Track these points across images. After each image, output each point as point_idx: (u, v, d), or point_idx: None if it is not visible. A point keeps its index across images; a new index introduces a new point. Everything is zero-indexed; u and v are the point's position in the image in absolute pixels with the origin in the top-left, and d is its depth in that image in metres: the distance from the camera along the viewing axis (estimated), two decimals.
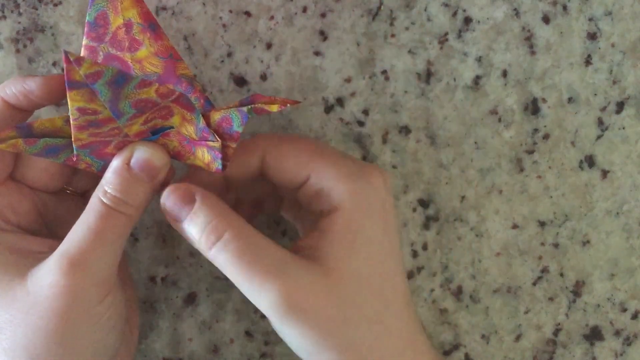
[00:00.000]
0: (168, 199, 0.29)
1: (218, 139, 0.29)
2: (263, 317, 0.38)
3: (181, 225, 0.29)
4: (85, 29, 0.27)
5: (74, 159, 0.29)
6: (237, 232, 0.28)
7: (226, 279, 0.37)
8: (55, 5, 0.34)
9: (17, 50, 0.35)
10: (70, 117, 0.27)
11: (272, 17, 0.35)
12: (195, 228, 0.28)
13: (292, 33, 0.35)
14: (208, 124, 0.29)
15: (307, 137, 0.32)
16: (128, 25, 0.28)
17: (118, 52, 0.28)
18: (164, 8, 0.34)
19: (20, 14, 0.34)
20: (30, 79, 0.29)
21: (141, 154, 0.29)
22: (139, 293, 0.37)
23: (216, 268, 0.37)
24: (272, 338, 0.38)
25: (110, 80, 0.26)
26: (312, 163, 0.30)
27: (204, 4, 0.34)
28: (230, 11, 0.34)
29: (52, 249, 0.28)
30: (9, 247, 0.29)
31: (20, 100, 0.29)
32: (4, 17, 0.34)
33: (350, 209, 0.29)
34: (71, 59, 0.25)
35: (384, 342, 0.29)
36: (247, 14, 0.35)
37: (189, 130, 0.30)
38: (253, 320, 0.38)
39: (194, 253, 0.37)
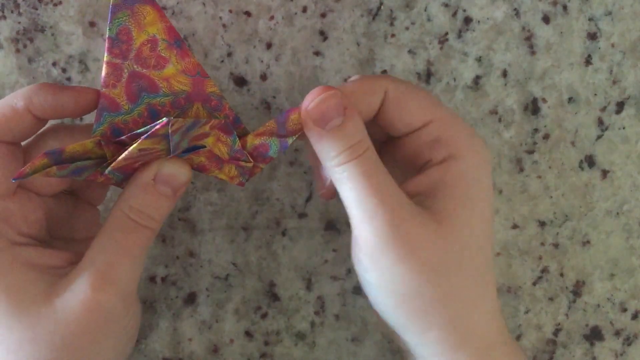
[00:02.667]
0: (323, 102, 0.28)
1: (251, 160, 0.30)
2: (263, 317, 0.38)
3: (323, 131, 0.28)
4: (107, 45, 0.26)
5: (99, 175, 0.29)
6: (370, 156, 0.28)
7: (226, 278, 0.37)
8: (55, 5, 0.34)
9: (17, 50, 0.35)
10: (126, 154, 0.26)
11: (272, 17, 0.35)
12: (344, 139, 0.27)
13: (292, 33, 0.35)
14: (243, 146, 0.30)
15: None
16: (153, 42, 0.27)
17: (144, 70, 0.28)
18: (164, 8, 0.34)
19: (20, 14, 0.34)
20: (64, 94, 0.28)
21: (167, 169, 0.29)
22: (139, 293, 0.37)
23: (216, 268, 0.37)
24: (272, 338, 0.38)
25: (185, 129, 0.26)
26: (435, 109, 0.29)
27: (204, 4, 0.34)
28: (230, 11, 0.34)
29: (71, 263, 0.28)
30: (29, 263, 0.28)
31: (47, 112, 0.28)
32: (4, 17, 0.34)
33: (471, 160, 0.29)
34: (170, 130, 0.25)
35: (484, 301, 0.28)
36: (247, 14, 0.35)
37: (222, 150, 0.30)
38: (253, 320, 0.38)
39: (194, 253, 0.37)
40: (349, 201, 0.28)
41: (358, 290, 0.38)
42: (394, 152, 0.32)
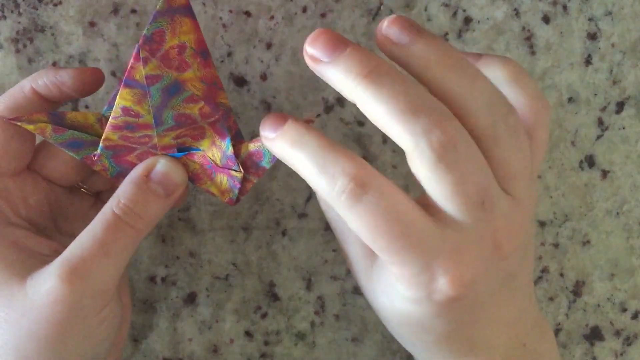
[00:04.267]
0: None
1: (242, 169, 0.29)
2: (263, 317, 0.38)
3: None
4: (140, 41, 0.27)
5: (94, 158, 0.29)
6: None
7: (226, 278, 0.37)
8: (55, 5, 0.34)
9: (17, 50, 0.35)
10: (112, 113, 0.27)
11: (272, 17, 0.35)
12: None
13: (292, 33, 0.35)
14: (237, 154, 0.29)
15: None
16: (181, 47, 0.28)
17: (166, 69, 0.28)
18: None
19: (20, 14, 0.34)
20: (63, 71, 0.29)
21: (162, 167, 0.29)
22: (139, 293, 0.37)
23: (216, 268, 0.37)
24: (272, 338, 0.38)
25: (165, 87, 0.26)
26: None
27: (204, 4, 0.34)
28: (230, 11, 0.34)
29: (56, 253, 0.28)
30: (14, 242, 0.28)
31: (52, 91, 0.29)
32: (4, 17, 0.34)
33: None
34: (141, 56, 0.25)
35: (516, 295, 0.28)
36: (247, 14, 0.35)
37: (216, 155, 0.30)
38: (253, 320, 0.38)
39: (194, 253, 0.37)
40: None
41: (358, 290, 0.38)
42: None
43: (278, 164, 0.36)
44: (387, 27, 0.25)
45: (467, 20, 0.35)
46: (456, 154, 0.24)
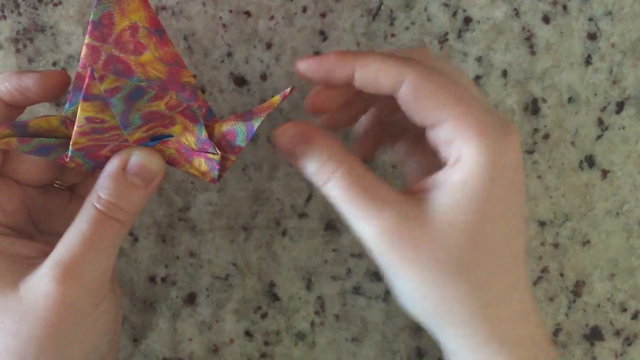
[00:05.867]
0: (280, 136, 0.29)
1: (218, 151, 0.29)
2: (263, 317, 0.38)
3: (297, 163, 0.29)
4: (89, 28, 0.27)
5: (66, 158, 0.28)
6: (350, 167, 0.28)
7: (226, 278, 0.37)
8: (55, 5, 0.34)
9: (17, 50, 0.35)
10: (76, 123, 0.26)
11: (272, 17, 0.35)
12: (309, 166, 0.28)
13: (292, 33, 0.35)
14: (211, 135, 0.29)
15: (451, 72, 0.29)
16: (134, 28, 0.27)
17: (121, 54, 0.28)
18: (164, 8, 0.34)
19: (20, 14, 0.34)
20: (26, 76, 0.28)
21: (137, 158, 0.28)
22: (139, 293, 0.37)
23: (216, 268, 0.37)
24: (272, 338, 0.38)
25: (126, 95, 0.26)
26: (451, 107, 0.28)
27: (204, 4, 0.34)
28: (230, 11, 0.34)
29: (43, 254, 0.28)
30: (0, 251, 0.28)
31: (15, 97, 0.28)
32: (4, 17, 0.34)
33: (478, 165, 0.27)
34: (96, 76, 0.24)
35: (510, 298, 0.28)
36: (247, 14, 0.35)
37: (189, 140, 0.29)
38: (253, 320, 0.38)
39: (194, 253, 0.37)
40: (345, 216, 0.28)
41: (358, 290, 0.38)
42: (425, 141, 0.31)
43: (278, 164, 0.36)
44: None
45: (467, 20, 0.35)
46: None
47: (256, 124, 0.28)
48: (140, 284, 0.37)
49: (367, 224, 0.27)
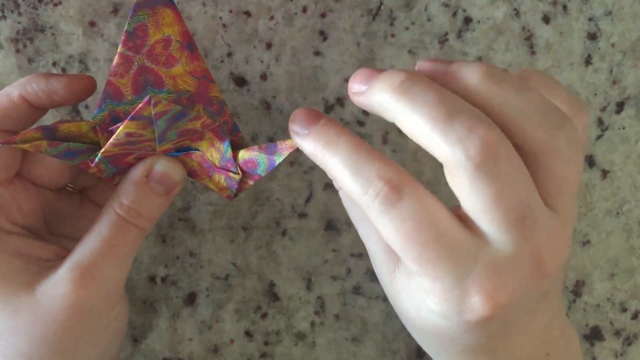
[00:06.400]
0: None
1: (240, 172, 0.30)
2: (263, 317, 0.38)
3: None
4: (123, 37, 0.27)
5: (91, 164, 0.29)
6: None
7: (226, 278, 0.37)
8: (55, 5, 0.34)
9: (17, 50, 0.35)
10: (115, 136, 0.27)
11: (272, 17, 0.35)
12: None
13: (292, 33, 0.35)
14: (235, 158, 0.30)
15: None
16: (167, 41, 0.27)
17: (153, 65, 0.28)
18: None
19: (20, 14, 0.34)
20: (55, 79, 0.28)
21: (161, 167, 0.29)
22: (139, 293, 0.37)
23: (216, 268, 0.37)
24: (272, 338, 0.38)
25: (171, 117, 0.26)
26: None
27: (204, 4, 0.34)
28: (230, 11, 0.34)
29: (59, 257, 0.28)
30: (16, 252, 0.28)
31: (42, 99, 0.29)
32: (4, 17, 0.34)
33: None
34: (152, 102, 0.25)
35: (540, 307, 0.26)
36: (247, 14, 0.35)
37: (214, 156, 0.30)
38: (253, 320, 0.38)
39: (194, 253, 0.37)
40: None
41: (358, 290, 0.38)
42: None
43: (278, 164, 0.36)
44: (422, 64, 0.25)
45: (467, 20, 0.35)
46: (496, 163, 0.22)
47: (278, 160, 0.28)
48: (140, 284, 0.37)
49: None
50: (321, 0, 0.35)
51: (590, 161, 0.37)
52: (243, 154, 0.30)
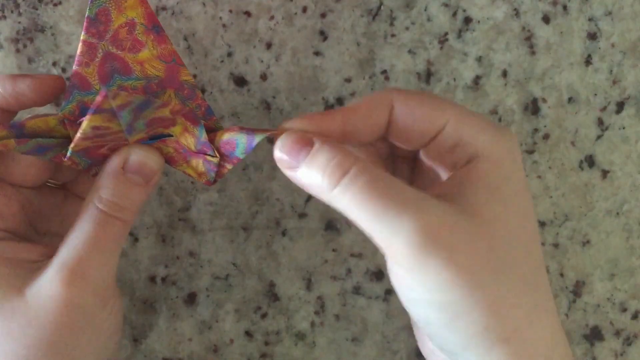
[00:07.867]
0: (284, 145, 0.26)
1: (217, 154, 0.29)
2: (263, 317, 0.38)
3: (299, 171, 0.26)
4: (85, 24, 0.26)
5: (64, 157, 0.28)
6: (365, 166, 0.25)
7: (226, 278, 0.37)
8: (55, 5, 0.34)
9: (17, 50, 0.35)
10: (81, 131, 0.26)
11: (272, 17, 0.35)
12: (317, 168, 0.25)
13: (292, 33, 0.35)
14: (212, 141, 0.29)
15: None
16: (131, 25, 0.27)
17: (119, 52, 0.27)
18: (164, 8, 0.34)
19: (20, 14, 0.34)
20: (21, 81, 0.28)
21: (136, 156, 0.28)
22: (139, 293, 0.37)
23: (216, 268, 0.37)
24: (272, 338, 0.38)
25: (135, 107, 0.26)
26: (448, 110, 0.27)
27: (204, 4, 0.34)
28: (230, 11, 0.34)
29: (46, 257, 0.28)
30: (1, 257, 0.28)
31: (9, 102, 0.28)
32: (4, 17, 0.34)
33: (496, 156, 0.26)
34: (109, 95, 0.24)
35: (539, 311, 0.26)
36: (247, 14, 0.35)
37: (189, 141, 0.29)
38: (253, 320, 0.38)
39: (194, 253, 0.37)
40: (365, 223, 0.25)
41: (358, 290, 0.38)
42: (416, 168, 0.30)
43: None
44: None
45: (467, 20, 0.35)
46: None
47: (258, 138, 0.27)
48: (140, 284, 0.37)
49: (397, 225, 0.24)
50: (321, 0, 0.35)
51: (590, 161, 0.38)
52: (220, 135, 0.29)
